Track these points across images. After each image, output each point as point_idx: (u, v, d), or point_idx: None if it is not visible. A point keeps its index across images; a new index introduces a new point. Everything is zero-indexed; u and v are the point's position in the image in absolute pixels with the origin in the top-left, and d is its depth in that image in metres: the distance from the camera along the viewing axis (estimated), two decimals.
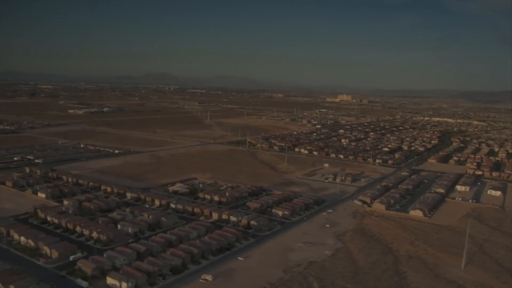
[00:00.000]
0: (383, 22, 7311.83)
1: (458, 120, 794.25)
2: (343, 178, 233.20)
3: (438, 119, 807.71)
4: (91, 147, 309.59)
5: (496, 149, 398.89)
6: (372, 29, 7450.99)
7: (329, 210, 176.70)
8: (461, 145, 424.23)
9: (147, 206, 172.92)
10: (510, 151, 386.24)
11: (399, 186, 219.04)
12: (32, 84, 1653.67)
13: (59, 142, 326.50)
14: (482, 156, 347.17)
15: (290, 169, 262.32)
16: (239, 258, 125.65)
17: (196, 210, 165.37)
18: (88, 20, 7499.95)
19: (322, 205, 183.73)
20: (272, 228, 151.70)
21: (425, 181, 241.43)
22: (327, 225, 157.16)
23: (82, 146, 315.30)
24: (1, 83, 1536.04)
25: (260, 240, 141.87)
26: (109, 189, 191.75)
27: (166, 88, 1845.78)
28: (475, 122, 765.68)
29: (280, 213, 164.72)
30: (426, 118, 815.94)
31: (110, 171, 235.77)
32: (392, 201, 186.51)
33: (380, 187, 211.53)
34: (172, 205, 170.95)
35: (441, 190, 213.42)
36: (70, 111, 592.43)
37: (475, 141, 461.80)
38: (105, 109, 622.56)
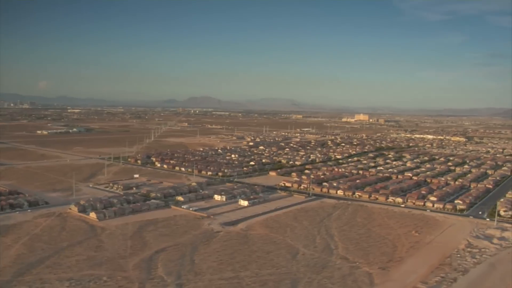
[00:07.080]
0: (427, 41, 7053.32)
1: (439, 137, 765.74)
2: (118, 186, 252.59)
3: (416, 135, 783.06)
4: None
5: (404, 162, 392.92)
6: (416, 49, 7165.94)
7: (29, 210, 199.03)
8: (359, 159, 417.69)
9: None
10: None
11: (151, 194, 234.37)
12: (68, 108, 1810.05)
13: None
14: (342, 170, 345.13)
15: (102, 179, 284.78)
16: None
17: None
18: (135, 46, 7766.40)
19: (36, 206, 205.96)
20: None
21: (200, 190, 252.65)
22: None
23: None
24: (35, 108, 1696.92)
25: None
26: None
27: (192, 112, 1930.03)
28: (454, 138, 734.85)
29: None
30: (403, 135, 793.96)
31: None
32: (98, 205, 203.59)
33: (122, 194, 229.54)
34: None
35: (181, 199, 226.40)
36: (38, 131, 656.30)
37: (390, 156, 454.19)
38: (71, 130, 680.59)
